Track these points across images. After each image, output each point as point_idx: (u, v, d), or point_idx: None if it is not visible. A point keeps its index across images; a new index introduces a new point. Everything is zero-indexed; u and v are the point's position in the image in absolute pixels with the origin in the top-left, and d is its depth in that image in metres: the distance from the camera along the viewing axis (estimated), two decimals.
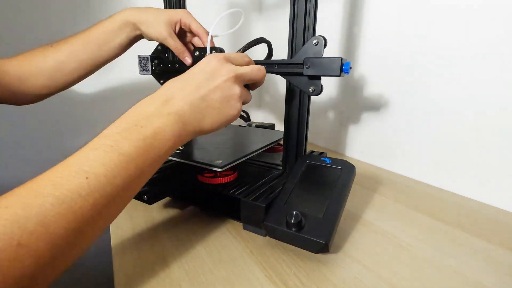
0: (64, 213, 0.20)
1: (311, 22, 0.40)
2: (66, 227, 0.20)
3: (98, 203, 0.22)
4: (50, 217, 0.19)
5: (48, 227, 0.19)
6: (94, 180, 0.21)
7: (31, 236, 0.18)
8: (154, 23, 0.45)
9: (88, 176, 0.21)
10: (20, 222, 0.18)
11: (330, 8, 0.71)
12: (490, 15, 0.45)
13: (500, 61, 0.44)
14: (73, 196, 0.20)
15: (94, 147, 0.23)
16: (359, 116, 0.69)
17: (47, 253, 0.19)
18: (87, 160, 0.22)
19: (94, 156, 0.23)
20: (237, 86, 0.32)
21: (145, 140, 0.25)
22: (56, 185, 0.20)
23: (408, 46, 0.57)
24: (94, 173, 0.22)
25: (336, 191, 0.37)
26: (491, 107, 0.46)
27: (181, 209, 0.47)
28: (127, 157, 0.24)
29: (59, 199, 0.20)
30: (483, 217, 0.44)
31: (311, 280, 0.31)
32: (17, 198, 0.19)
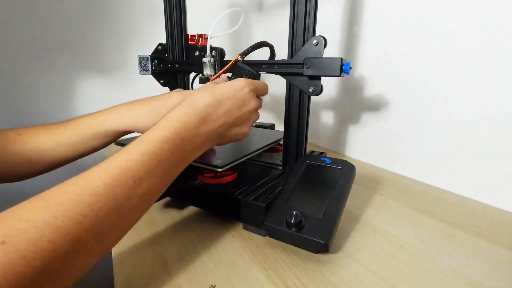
0: (110, 211, 0.22)
1: (311, 22, 0.40)
2: (110, 224, 0.22)
3: (133, 204, 0.24)
4: (101, 215, 0.21)
5: (100, 226, 0.21)
6: (138, 184, 0.24)
7: (84, 233, 0.20)
8: (146, 123, 0.40)
9: (135, 180, 0.24)
10: (78, 219, 0.20)
11: (329, 8, 0.71)
12: (490, 17, 0.45)
13: (500, 62, 0.44)
14: (121, 199, 0.23)
15: (141, 153, 0.26)
16: (359, 116, 0.69)
17: (96, 249, 0.22)
18: (135, 164, 0.25)
19: (141, 162, 0.25)
20: (255, 115, 0.39)
21: (183, 153, 0.29)
22: (108, 185, 0.22)
23: (408, 46, 0.57)
24: (140, 177, 0.24)
25: (336, 191, 0.37)
26: (490, 107, 0.46)
27: (181, 209, 0.47)
28: (167, 165, 0.27)
29: (109, 198, 0.22)
30: (483, 217, 0.44)
31: (311, 280, 0.31)
32: (71, 196, 0.21)
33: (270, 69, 0.45)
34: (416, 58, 0.56)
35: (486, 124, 0.47)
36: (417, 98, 0.56)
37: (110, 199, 0.22)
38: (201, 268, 0.33)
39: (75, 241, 0.20)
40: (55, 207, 0.20)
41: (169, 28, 0.59)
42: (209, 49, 0.47)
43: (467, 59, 0.48)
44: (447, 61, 0.51)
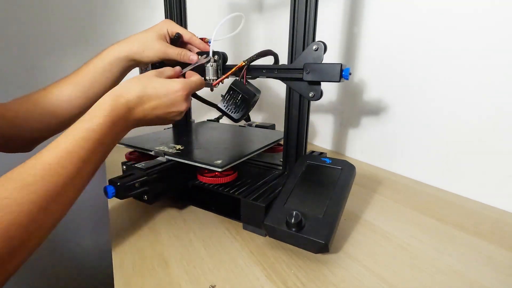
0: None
1: (311, 28, 0.40)
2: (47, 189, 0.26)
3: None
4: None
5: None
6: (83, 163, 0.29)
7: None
8: (147, 48, 0.46)
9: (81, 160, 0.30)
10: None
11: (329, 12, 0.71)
12: (491, 20, 0.45)
13: (500, 64, 0.44)
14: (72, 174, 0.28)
15: (82, 136, 0.30)
16: (359, 116, 0.69)
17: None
18: (78, 147, 0.29)
19: (83, 144, 0.30)
20: (183, 114, 0.40)
21: (114, 133, 0.33)
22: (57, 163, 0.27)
23: (407, 49, 0.57)
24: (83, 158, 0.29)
25: (336, 191, 0.37)
26: (490, 108, 0.46)
27: (181, 209, 0.47)
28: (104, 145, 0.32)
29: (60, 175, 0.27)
30: (483, 217, 0.44)
31: (311, 280, 0.31)
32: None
33: (270, 74, 0.45)
34: (415, 60, 0.56)
35: (485, 124, 0.47)
36: (417, 99, 0.56)
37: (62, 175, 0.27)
38: (201, 268, 0.33)
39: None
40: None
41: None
42: (211, 54, 0.47)
43: (466, 61, 0.48)
44: (447, 62, 0.51)
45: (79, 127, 0.30)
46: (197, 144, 0.54)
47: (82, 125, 0.31)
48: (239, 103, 0.46)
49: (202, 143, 0.54)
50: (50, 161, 0.27)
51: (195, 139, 0.58)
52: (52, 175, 0.27)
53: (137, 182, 0.38)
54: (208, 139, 0.58)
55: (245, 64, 0.44)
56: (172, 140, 0.55)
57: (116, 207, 0.47)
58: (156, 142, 0.51)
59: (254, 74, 0.47)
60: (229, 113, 0.47)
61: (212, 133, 0.63)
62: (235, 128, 0.68)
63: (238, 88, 0.45)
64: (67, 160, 0.28)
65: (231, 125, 0.70)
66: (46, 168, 0.27)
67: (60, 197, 0.27)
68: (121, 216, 0.45)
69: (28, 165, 0.27)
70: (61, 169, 0.27)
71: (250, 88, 0.46)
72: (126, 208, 0.47)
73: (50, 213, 0.27)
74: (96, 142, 0.30)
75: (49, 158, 0.27)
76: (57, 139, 0.29)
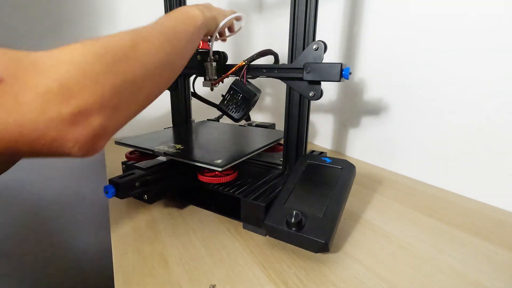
0: (162, 40, 0.29)
1: (311, 27, 0.40)
2: (164, 52, 0.29)
3: (174, 44, 0.31)
4: (153, 35, 0.28)
5: (154, 41, 0.28)
6: (164, 28, 0.31)
7: (141, 48, 0.26)
8: None
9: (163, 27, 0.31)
10: (135, 35, 0.27)
11: (329, 11, 0.71)
12: (490, 21, 0.45)
13: (500, 64, 0.44)
14: (165, 32, 0.30)
15: (150, 26, 0.32)
16: (360, 116, 0.69)
17: (151, 66, 0.27)
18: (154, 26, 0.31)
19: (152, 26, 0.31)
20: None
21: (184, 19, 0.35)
22: (149, 28, 0.30)
23: (408, 47, 0.57)
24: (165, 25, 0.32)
25: (336, 190, 0.37)
26: (490, 108, 0.46)
27: (181, 208, 0.47)
28: (174, 25, 0.33)
29: (156, 31, 0.30)
30: (483, 217, 0.44)
31: (311, 280, 0.31)
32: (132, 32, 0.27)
33: (270, 74, 0.45)
34: (416, 59, 0.56)
35: (485, 124, 0.47)
36: (418, 99, 0.56)
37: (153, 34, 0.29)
38: (201, 267, 0.33)
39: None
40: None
41: None
42: (211, 53, 0.47)
43: (467, 61, 0.48)
44: (447, 62, 0.51)
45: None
46: (197, 143, 0.54)
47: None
48: (240, 103, 0.46)
49: (202, 143, 0.54)
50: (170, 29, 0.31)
51: (195, 138, 0.58)
52: (171, 40, 0.30)
53: (137, 182, 0.38)
54: (208, 138, 0.58)
55: (245, 63, 0.44)
56: (172, 139, 0.55)
57: (116, 206, 0.47)
58: (156, 142, 0.51)
59: (254, 73, 0.47)
60: (229, 112, 0.47)
61: (212, 132, 0.63)
62: (235, 127, 0.68)
63: (239, 87, 0.45)
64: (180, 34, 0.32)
65: (231, 124, 0.70)
66: (171, 32, 0.31)
67: (171, 65, 0.31)
68: (121, 215, 0.45)
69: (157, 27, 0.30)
70: (176, 40, 0.31)
71: (250, 87, 0.46)
72: (126, 207, 0.47)
73: (168, 71, 0.31)
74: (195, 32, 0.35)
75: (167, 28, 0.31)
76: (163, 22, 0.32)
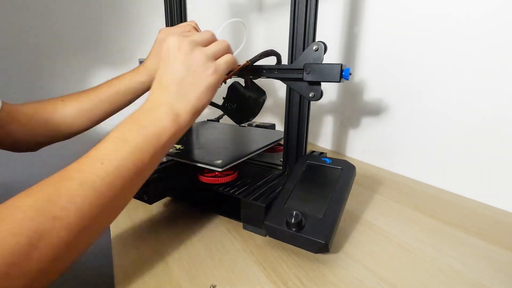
0: (88, 192, 0.24)
1: (311, 28, 0.40)
2: (90, 203, 0.24)
3: (114, 183, 0.25)
4: (77, 195, 0.23)
5: (76, 203, 0.23)
6: (108, 164, 0.25)
7: (63, 211, 0.22)
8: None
9: (102, 162, 0.25)
10: (53, 199, 0.22)
11: (329, 11, 0.71)
12: (490, 22, 0.45)
13: (500, 64, 0.44)
14: (93, 177, 0.24)
15: (104, 141, 0.27)
16: (360, 116, 0.69)
17: (77, 226, 0.23)
18: (100, 150, 0.26)
19: (105, 146, 0.27)
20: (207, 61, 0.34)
21: (146, 127, 0.29)
22: (78, 170, 0.25)
23: (408, 48, 0.57)
24: (107, 159, 0.26)
25: (336, 191, 0.37)
26: (491, 108, 0.46)
27: (181, 209, 0.47)
28: (133, 143, 0.27)
29: (82, 180, 0.24)
30: (483, 217, 0.44)
31: (311, 280, 0.31)
32: (49, 182, 0.23)
33: (270, 74, 0.45)
34: (416, 60, 0.56)
35: (486, 124, 0.47)
36: (418, 99, 0.56)
37: (81, 180, 0.24)
38: (201, 267, 0.33)
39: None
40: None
41: None
42: None
43: (467, 61, 0.48)
44: (447, 62, 0.51)
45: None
46: (197, 144, 0.54)
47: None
48: (238, 105, 0.46)
49: (202, 143, 0.54)
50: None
51: (196, 139, 0.58)
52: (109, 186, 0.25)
53: None
54: (208, 139, 0.58)
55: (249, 64, 0.44)
56: None
57: None
58: None
59: (255, 74, 0.47)
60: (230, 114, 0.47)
61: (212, 133, 0.63)
62: (235, 128, 0.68)
63: (235, 91, 0.45)
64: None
65: (231, 125, 0.70)
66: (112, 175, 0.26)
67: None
68: (121, 216, 0.45)
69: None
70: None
71: (246, 90, 0.45)
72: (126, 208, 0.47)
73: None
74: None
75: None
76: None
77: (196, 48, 0.33)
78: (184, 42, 0.33)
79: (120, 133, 0.28)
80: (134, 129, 0.29)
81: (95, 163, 0.25)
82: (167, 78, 0.32)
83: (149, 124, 0.29)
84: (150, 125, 0.29)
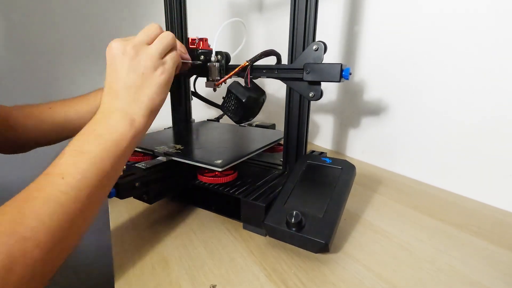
0: (54, 208, 0.23)
1: (311, 27, 0.40)
2: (58, 219, 0.23)
3: (78, 196, 0.25)
4: (43, 213, 0.23)
5: (44, 221, 0.23)
6: (70, 178, 0.25)
7: (32, 231, 0.22)
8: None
9: (63, 176, 0.25)
10: (19, 221, 0.22)
11: (330, 11, 0.71)
12: (490, 21, 0.45)
13: (500, 64, 0.44)
14: (56, 194, 0.24)
15: (60, 156, 0.27)
16: (360, 116, 0.69)
17: (49, 243, 0.23)
18: (59, 166, 0.26)
19: (63, 161, 0.26)
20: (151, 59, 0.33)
21: (103, 136, 0.29)
22: (39, 189, 0.24)
23: (409, 47, 0.57)
24: (67, 173, 0.25)
25: (336, 191, 0.37)
26: (490, 108, 0.46)
27: (181, 208, 0.47)
28: (92, 154, 0.27)
29: (45, 198, 0.23)
30: (483, 217, 0.44)
31: (311, 280, 0.31)
32: (11, 205, 0.23)
33: (270, 74, 0.45)
34: (416, 59, 0.56)
35: (486, 124, 0.47)
36: (418, 99, 0.56)
37: (45, 198, 0.24)
38: (201, 267, 0.33)
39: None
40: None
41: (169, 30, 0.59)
42: (214, 54, 0.47)
43: (467, 61, 0.48)
44: (448, 62, 0.51)
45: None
46: (197, 144, 0.54)
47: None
48: (237, 105, 0.46)
49: (202, 143, 0.54)
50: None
51: (195, 138, 0.58)
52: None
53: (137, 182, 0.38)
54: (208, 138, 0.58)
55: (248, 64, 0.44)
56: (172, 139, 0.55)
57: (116, 207, 0.47)
58: (156, 142, 0.51)
59: (255, 74, 0.47)
60: (229, 114, 0.47)
61: (212, 132, 0.63)
62: (235, 127, 0.68)
63: (234, 90, 0.45)
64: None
65: (231, 124, 0.70)
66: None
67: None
68: (121, 216, 0.45)
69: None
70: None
71: (246, 90, 0.45)
72: (126, 207, 0.47)
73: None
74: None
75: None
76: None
77: (141, 50, 0.33)
78: (128, 46, 0.32)
79: (77, 146, 0.28)
80: (91, 139, 0.28)
81: (55, 180, 0.25)
82: (116, 84, 0.32)
83: (105, 132, 0.29)
84: (107, 133, 0.29)
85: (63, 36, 0.72)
